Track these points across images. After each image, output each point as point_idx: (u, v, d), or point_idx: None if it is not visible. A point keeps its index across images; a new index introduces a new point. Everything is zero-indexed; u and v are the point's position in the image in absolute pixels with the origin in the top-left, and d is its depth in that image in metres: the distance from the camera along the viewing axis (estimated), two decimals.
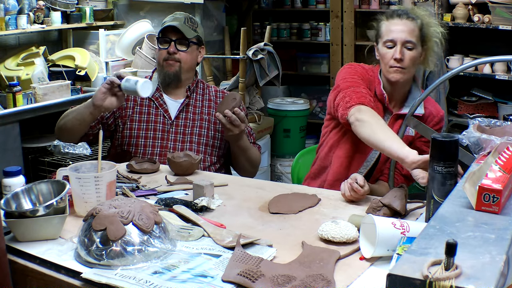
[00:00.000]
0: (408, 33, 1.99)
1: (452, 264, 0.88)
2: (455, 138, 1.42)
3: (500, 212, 1.12)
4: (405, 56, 1.99)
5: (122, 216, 1.33)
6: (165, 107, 2.35)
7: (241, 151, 2.30)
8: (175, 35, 2.31)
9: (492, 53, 2.81)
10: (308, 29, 5.09)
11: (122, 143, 2.32)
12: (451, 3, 4.04)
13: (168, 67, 2.32)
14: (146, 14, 4.17)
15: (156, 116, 2.33)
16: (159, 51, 2.35)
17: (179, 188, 1.91)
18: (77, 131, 2.21)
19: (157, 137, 2.31)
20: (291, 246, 1.44)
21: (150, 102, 2.35)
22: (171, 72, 2.32)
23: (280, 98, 4.61)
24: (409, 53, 1.99)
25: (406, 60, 1.99)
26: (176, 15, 2.38)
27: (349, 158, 2.12)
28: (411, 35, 1.99)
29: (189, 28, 2.33)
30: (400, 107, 2.11)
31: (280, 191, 1.88)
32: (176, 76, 2.33)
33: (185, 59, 2.32)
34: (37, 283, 1.33)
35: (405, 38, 1.99)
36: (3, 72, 3.38)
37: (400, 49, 1.99)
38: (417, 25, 2.01)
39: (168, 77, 2.33)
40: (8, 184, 1.66)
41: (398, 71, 2.01)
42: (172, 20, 2.34)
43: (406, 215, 1.63)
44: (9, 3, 3.32)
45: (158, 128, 2.32)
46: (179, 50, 2.31)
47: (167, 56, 2.31)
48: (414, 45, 1.99)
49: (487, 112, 4.10)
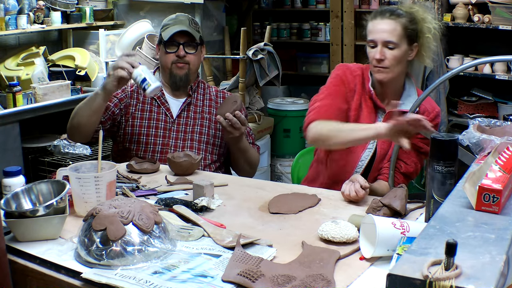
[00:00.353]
0: (388, 33, 1.99)
1: (452, 264, 0.88)
2: (454, 138, 1.42)
3: (500, 212, 1.12)
4: (387, 56, 1.99)
5: (122, 216, 1.33)
6: (167, 105, 2.36)
7: (241, 153, 2.31)
8: (182, 38, 2.31)
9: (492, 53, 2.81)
10: (308, 29, 5.09)
11: (124, 140, 2.33)
12: (451, 3, 4.04)
13: (178, 70, 2.33)
14: (146, 14, 4.17)
15: (158, 114, 2.35)
16: (166, 55, 2.33)
17: (179, 188, 1.91)
18: (92, 124, 2.18)
19: (158, 135, 2.32)
20: (291, 246, 1.44)
21: (152, 100, 2.36)
22: (182, 75, 2.33)
23: (280, 98, 4.61)
24: (391, 52, 1.99)
25: (387, 60, 2.00)
26: (179, 18, 2.37)
27: (343, 161, 2.13)
28: (392, 34, 1.98)
29: (194, 30, 2.34)
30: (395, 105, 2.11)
31: (280, 191, 1.88)
32: (186, 78, 2.35)
33: (193, 61, 2.34)
34: (37, 283, 1.33)
35: (385, 38, 1.99)
36: (3, 72, 3.38)
37: (380, 50, 2.00)
38: (402, 23, 2.00)
39: (179, 80, 2.34)
40: (8, 184, 1.66)
41: (380, 71, 2.02)
42: (177, 23, 2.33)
43: (406, 215, 1.63)
44: (9, 3, 3.32)
45: (160, 126, 2.33)
46: (187, 52, 2.32)
47: (176, 59, 2.31)
48: (396, 45, 1.99)
49: (487, 112, 4.09)
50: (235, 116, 2.13)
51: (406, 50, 2.02)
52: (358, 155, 2.11)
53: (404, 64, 2.06)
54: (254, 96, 4.08)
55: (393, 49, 1.99)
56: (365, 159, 2.11)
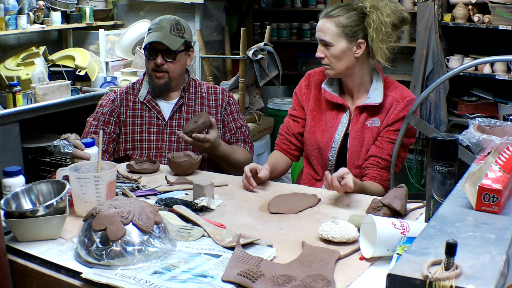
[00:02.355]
0: (322, 32, 2.07)
1: (452, 264, 0.88)
2: (454, 138, 1.42)
3: (500, 212, 1.12)
4: (326, 54, 2.08)
5: (122, 216, 1.33)
6: (157, 108, 2.35)
7: (221, 159, 2.29)
8: (161, 46, 2.27)
9: (492, 53, 2.81)
10: (308, 29, 5.09)
11: (119, 149, 2.34)
12: (451, 3, 4.04)
13: (157, 80, 2.32)
14: (146, 14, 4.17)
15: (150, 118, 2.34)
16: (147, 61, 2.33)
17: (179, 188, 1.91)
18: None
19: (152, 139, 2.32)
20: (291, 246, 1.44)
21: (142, 105, 2.36)
22: (160, 84, 2.32)
23: (280, 98, 4.61)
24: (328, 51, 2.07)
25: (327, 58, 2.08)
26: (161, 23, 2.31)
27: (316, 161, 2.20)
28: (324, 33, 2.06)
29: (175, 36, 2.29)
30: (364, 99, 2.12)
31: (280, 191, 1.88)
32: (166, 86, 2.34)
33: (173, 69, 2.31)
34: (37, 283, 1.33)
35: (320, 37, 2.08)
36: (3, 72, 3.38)
37: (319, 48, 2.10)
38: (337, 21, 2.04)
39: (158, 89, 2.34)
40: (8, 184, 1.66)
41: (325, 68, 2.11)
42: (157, 30, 2.29)
43: (406, 215, 1.63)
44: (9, 3, 3.32)
45: (152, 130, 2.33)
46: (166, 61, 2.29)
47: (155, 67, 2.30)
48: (331, 43, 2.05)
49: (487, 112, 4.09)
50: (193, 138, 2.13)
51: (345, 47, 2.05)
52: (326, 155, 2.16)
53: (352, 60, 2.07)
54: (254, 96, 4.08)
55: (329, 47, 2.06)
56: (332, 158, 2.15)
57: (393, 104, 2.09)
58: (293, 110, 2.27)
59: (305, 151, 2.24)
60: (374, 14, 2.02)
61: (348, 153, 2.12)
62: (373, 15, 2.02)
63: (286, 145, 2.25)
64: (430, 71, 4.00)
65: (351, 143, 2.11)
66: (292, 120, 2.26)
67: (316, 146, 2.17)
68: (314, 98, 2.20)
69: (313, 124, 2.18)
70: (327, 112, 2.16)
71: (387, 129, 2.09)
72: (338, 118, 2.14)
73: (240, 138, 2.40)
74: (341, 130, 2.13)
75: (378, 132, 2.10)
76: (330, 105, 2.16)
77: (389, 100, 2.10)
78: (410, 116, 2.04)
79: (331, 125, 2.14)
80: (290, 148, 2.25)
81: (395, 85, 2.14)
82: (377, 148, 2.08)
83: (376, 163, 2.08)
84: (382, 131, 2.10)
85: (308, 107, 2.21)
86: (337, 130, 2.13)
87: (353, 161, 2.11)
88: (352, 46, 2.05)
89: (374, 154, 2.08)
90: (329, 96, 2.14)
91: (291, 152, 2.25)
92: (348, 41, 2.05)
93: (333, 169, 2.15)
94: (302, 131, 2.23)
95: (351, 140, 2.11)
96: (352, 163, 2.11)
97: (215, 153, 2.24)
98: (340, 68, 2.08)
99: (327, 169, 2.16)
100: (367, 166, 2.09)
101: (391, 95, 2.10)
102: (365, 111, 2.11)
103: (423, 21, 3.99)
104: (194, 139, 2.14)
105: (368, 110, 2.10)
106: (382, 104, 2.09)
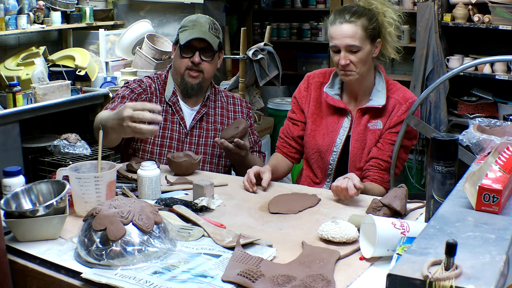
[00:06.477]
0: (349, 38, 2.00)
1: (452, 264, 0.88)
2: (454, 138, 1.42)
3: (500, 212, 1.11)
4: (351, 59, 2.02)
5: (122, 216, 1.33)
6: (181, 114, 2.27)
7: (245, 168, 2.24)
8: (200, 44, 2.18)
9: (492, 53, 2.81)
10: (308, 29, 5.09)
11: (136, 148, 2.24)
12: (451, 3, 4.04)
13: (191, 79, 2.22)
14: (146, 14, 4.17)
15: (172, 124, 2.25)
16: (181, 59, 2.21)
17: (179, 188, 1.91)
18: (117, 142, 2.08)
19: (172, 146, 2.24)
20: (291, 246, 1.44)
21: (167, 107, 2.26)
22: (194, 84, 2.23)
23: (280, 98, 4.61)
24: (355, 56, 2.02)
25: (352, 64, 2.03)
26: (199, 20, 2.22)
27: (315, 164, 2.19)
28: (353, 39, 2.00)
29: (214, 35, 2.20)
30: (366, 101, 2.12)
31: (280, 191, 1.88)
32: (199, 87, 2.24)
33: (208, 69, 2.23)
34: (37, 283, 1.33)
35: (347, 43, 2.01)
36: (3, 72, 3.38)
37: (344, 55, 2.02)
38: (362, 24, 2.01)
39: (191, 89, 2.24)
40: (8, 184, 1.65)
41: (347, 74, 2.05)
42: (196, 27, 2.19)
43: (406, 215, 1.63)
44: (9, 3, 3.32)
45: (174, 137, 2.25)
46: (203, 60, 2.20)
47: (191, 65, 2.20)
48: (359, 48, 2.01)
49: (487, 112, 4.09)
50: (235, 143, 2.08)
51: (370, 49, 2.04)
52: (326, 159, 2.15)
53: (371, 62, 2.08)
54: (254, 96, 4.08)
55: (357, 52, 2.01)
56: (333, 162, 2.14)
57: (395, 106, 2.09)
58: (292, 113, 2.25)
59: (305, 154, 2.23)
60: (387, 12, 2.03)
61: (350, 155, 2.11)
62: (388, 14, 2.03)
63: (286, 148, 2.25)
64: (430, 71, 4.00)
65: (353, 145, 2.11)
66: (292, 123, 2.25)
67: (317, 149, 2.16)
68: (314, 101, 2.18)
69: (314, 127, 2.17)
70: (328, 116, 2.15)
71: (389, 131, 2.09)
72: (340, 122, 2.13)
73: (255, 149, 2.37)
74: (342, 134, 2.12)
75: (381, 135, 2.10)
76: (332, 109, 2.15)
77: (391, 102, 2.09)
78: (410, 117, 2.04)
79: (332, 129, 2.14)
80: (290, 151, 2.24)
81: (397, 87, 2.14)
82: (378, 150, 2.08)
83: (377, 165, 2.07)
84: (384, 133, 2.10)
85: (308, 110, 2.19)
86: (339, 134, 2.12)
87: (355, 163, 2.11)
88: (373, 47, 2.05)
89: (375, 156, 2.08)
90: (331, 100, 2.13)
91: (292, 155, 2.25)
92: (371, 43, 2.04)
93: (333, 172, 2.15)
94: (301, 134, 2.22)
95: (353, 142, 2.11)
96: (354, 165, 2.11)
97: (245, 162, 2.19)
98: (363, 72, 2.05)
99: (327, 172, 2.16)
100: (368, 168, 2.09)
101: (393, 97, 2.10)
102: (367, 113, 2.10)
103: (423, 21, 3.99)
104: (235, 145, 2.08)
105: (370, 112, 2.09)
106: (385, 106, 2.08)
